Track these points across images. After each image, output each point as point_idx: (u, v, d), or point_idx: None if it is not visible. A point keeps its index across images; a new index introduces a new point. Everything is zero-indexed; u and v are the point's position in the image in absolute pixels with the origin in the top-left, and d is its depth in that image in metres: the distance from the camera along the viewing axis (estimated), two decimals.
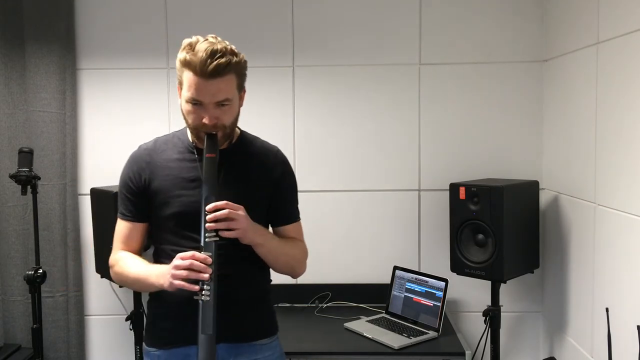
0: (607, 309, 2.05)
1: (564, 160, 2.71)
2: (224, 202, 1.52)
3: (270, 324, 1.78)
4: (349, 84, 2.99)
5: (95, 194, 2.71)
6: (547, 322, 2.96)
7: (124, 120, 3.03)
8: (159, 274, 1.55)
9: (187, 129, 1.70)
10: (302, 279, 2.98)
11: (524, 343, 3.03)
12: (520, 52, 2.94)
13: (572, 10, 2.60)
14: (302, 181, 2.98)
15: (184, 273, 1.46)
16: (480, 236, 2.56)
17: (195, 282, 1.46)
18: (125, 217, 1.72)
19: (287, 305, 2.97)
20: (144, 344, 1.76)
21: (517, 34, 2.94)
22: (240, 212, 1.54)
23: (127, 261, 1.68)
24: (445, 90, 2.98)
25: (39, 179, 2.58)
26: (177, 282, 1.47)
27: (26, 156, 2.54)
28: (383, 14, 2.96)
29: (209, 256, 1.48)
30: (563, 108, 2.72)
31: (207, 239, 1.50)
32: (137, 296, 2.77)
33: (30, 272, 2.52)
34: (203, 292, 1.46)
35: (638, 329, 1.82)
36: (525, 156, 2.97)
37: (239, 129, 1.77)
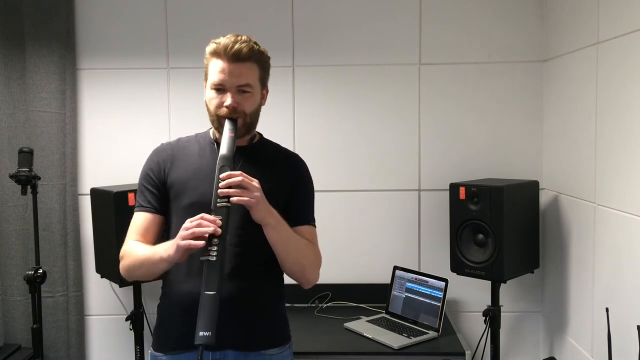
0: (607, 309, 2.05)
1: (564, 160, 2.71)
2: (239, 172, 1.51)
3: (281, 333, 1.74)
4: (349, 84, 2.99)
5: (95, 194, 2.71)
6: (547, 322, 2.96)
7: (124, 120, 3.03)
8: (167, 246, 1.52)
9: (210, 129, 1.75)
10: None
11: (524, 343, 3.03)
12: (521, 52, 2.94)
13: (572, 10, 2.60)
14: None
15: (190, 231, 1.43)
16: (480, 236, 2.56)
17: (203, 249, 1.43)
18: (144, 209, 1.71)
19: (287, 305, 2.95)
20: (151, 348, 1.73)
21: (517, 34, 2.94)
22: (255, 183, 1.52)
23: (135, 247, 1.65)
24: (445, 90, 2.98)
25: (39, 179, 2.58)
26: (183, 242, 1.43)
27: (26, 156, 2.54)
28: (383, 14, 2.96)
29: (219, 219, 1.45)
30: (563, 108, 2.72)
31: (218, 204, 1.47)
32: (137, 296, 2.78)
33: (30, 272, 2.52)
34: (210, 251, 1.42)
35: (638, 329, 1.82)
36: (525, 156, 2.97)
37: (260, 134, 1.79)
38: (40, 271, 2.54)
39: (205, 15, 2.97)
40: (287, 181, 1.72)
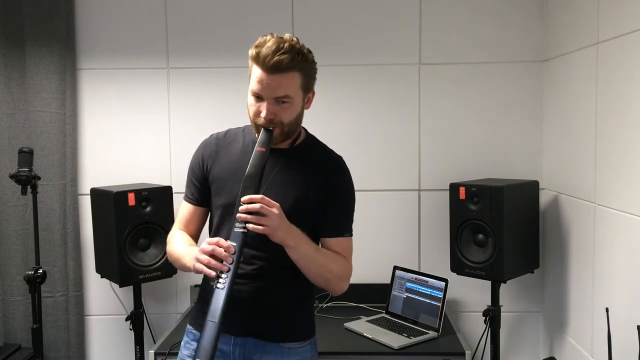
0: (607, 309, 2.04)
1: (564, 160, 2.71)
2: (260, 196, 1.49)
3: (302, 328, 1.75)
4: (349, 84, 2.99)
5: (95, 194, 2.72)
6: (547, 322, 2.96)
7: (124, 120, 3.03)
8: (191, 256, 1.54)
9: None
10: None
11: (524, 343, 3.03)
12: (521, 52, 2.94)
13: (572, 10, 2.60)
14: None
15: (205, 259, 1.47)
16: (480, 236, 2.56)
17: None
18: (189, 200, 1.77)
19: None
20: (188, 324, 1.79)
21: (517, 34, 2.94)
22: (275, 209, 1.50)
23: (177, 239, 1.72)
24: (445, 90, 2.97)
25: (39, 179, 2.58)
26: (198, 265, 1.48)
27: (26, 156, 2.53)
28: (383, 14, 2.96)
29: (233, 246, 1.47)
30: (563, 108, 2.72)
31: (235, 229, 1.49)
32: (137, 296, 2.78)
33: (30, 272, 2.52)
34: (219, 280, 1.46)
35: (638, 329, 1.82)
36: (525, 156, 2.97)
37: (306, 131, 1.78)
38: (40, 271, 2.54)
39: (205, 15, 2.97)
40: (324, 189, 1.68)
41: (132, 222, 2.60)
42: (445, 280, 2.64)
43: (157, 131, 3.02)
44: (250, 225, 1.48)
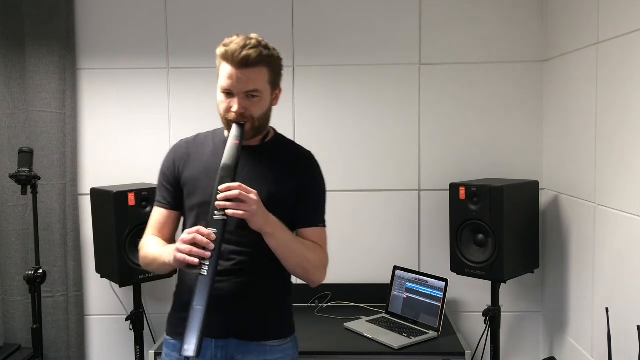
0: (607, 309, 2.05)
1: (564, 160, 2.71)
2: (237, 184, 1.52)
3: (283, 325, 1.76)
4: (349, 84, 2.99)
5: (95, 194, 2.72)
6: (547, 322, 2.96)
7: (124, 120, 3.03)
8: (170, 251, 1.56)
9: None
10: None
11: (524, 343, 3.03)
12: (521, 52, 2.94)
13: (572, 10, 2.60)
14: None
15: (187, 248, 1.48)
16: (480, 236, 2.56)
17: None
18: (160, 205, 1.77)
19: None
20: (165, 333, 1.79)
21: (517, 34, 2.94)
22: (252, 195, 1.53)
23: (150, 243, 1.72)
24: (445, 90, 2.97)
25: (39, 179, 2.58)
26: (179, 255, 1.48)
27: (26, 156, 2.54)
28: (383, 14, 2.96)
29: (214, 233, 1.48)
30: (563, 108, 2.72)
31: (215, 217, 1.50)
32: (137, 296, 2.78)
33: (30, 272, 2.52)
34: (202, 267, 1.47)
35: (638, 329, 1.82)
36: (525, 156, 2.97)
37: (275, 131, 1.80)
38: (40, 271, 2.54)
39: (205, 15, 2.97)
40: (295, 183, 1.72)
41: (132, 222, 2.60)
42: (445, 280, 2.64)
43: (157, 131, 3.02)
44: (230, 211, 1.50)
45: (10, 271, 2.93)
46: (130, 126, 3.03)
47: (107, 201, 2.59)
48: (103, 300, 3.06)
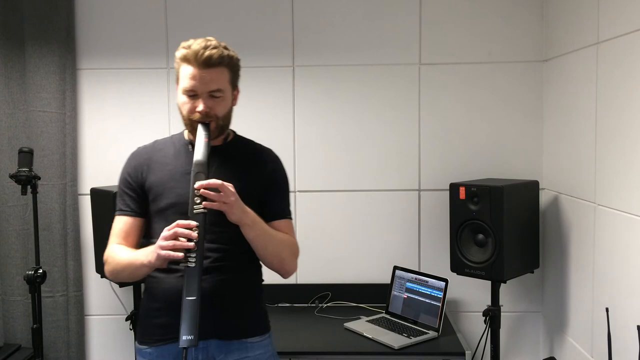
0: (607, 309, 2.05)
1: (564, 160, 2.71)
2: (213, 180, 1.56)
3: (261, 322, 1.80)
4: (349, 84, 2.99)
5: (95, 194, 2.71)
6: (547, 322, 2.96)
7: (124, 120, 3.03)
8: (147, 252, 1.58)
9: (184, 131, 1.80)
10: (302, 279, 3.01)
11: (524, 343, 3.03)
12: (521, 52, 2.94)
13: (572, 10, 2.60)
14: (303, 181, 3.01)
15: (170, 243, 1.49)
16: (480, 236, 2.56)
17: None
18: (124, 213, 1.77)
19: (287, 305, 2.97)
20: (135, 342, 1.78)
21: (517, 34, 2.94)
22: (230, 187, 1.57)
23: (118, 251, 1.72)
24: (445, 90, 2.98)
25: (39, 179, 2.58)
26: (163, 252, 1.50)
27: (26, 156, 2.54)
28: (383, 14, 2.96)
29: (195, 225, 1.51)
30: (563, 108, 2.72)
31: (195, 211, 1.53)
32: (137, 296, 2.77)
33: (30, 272, 2.52)
34: (188, 259, 1.49)
35: (638, 329, 1.82)
36: (525, 156, 2.97)
37: (233, 132, 1.84)
38: (40, 271, 2.54)
39: (205, 15, 2.97)
40: (262, 178, 1.77)
41: None
42: (445, 280, 2.64)
43: (157, 131, 3.01)
44: (209, 203, 1.54)
45: (10, 271, 2.93)
46: (130, 126, 3.03)
47: (107, 201, 2.59)
48: (103, 300, 3.06)
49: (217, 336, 1.67)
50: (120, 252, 1.70)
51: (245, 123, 2.97)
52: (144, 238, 1.78)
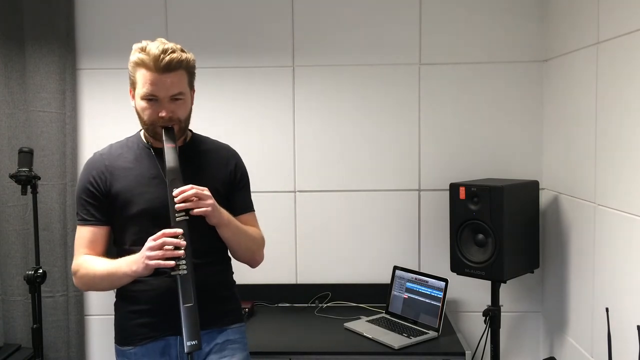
0: (607, 309, 2.05)
1: (564, 160, 2.71)
2: (189, 185, 1.59)
3: (239, 311, 1.88)
4: (349, 84, 2.99)
5: None
6: (547, 322, 2.96)
7: (124, 120, 3.02)
8: (130, 262, 1.59)
9: (140, 132, 1.80)
10: (302, 279, 3.01)
11: (524, 343, 3.03)
12: (520, 52, 2.94)
13: (572, 10, 2.60)
14: (302, 181, 3.01)
15: (159, 253, 1.51)
16: (480, 236, 2.56)
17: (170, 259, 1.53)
18: (88, 222, 1.75)
19: (287, 305, 2.97)
20: (115, 345, 1.79)
21: (517, 34, 2.94)
22: (206, 192, 1.61)
23: (92, 262, 1.70)
24: (445, 90, 2.97)
25: (39, 178, 2.58)
26: (152, 262, 1.51)
27: (26, 156, 2.54)
28: (383, 14, 2.96)
29: (180, 233, 1.53)
30: (563, 108, 2.72)
31: (177, 219, 1.55)
32: None
33: (30, 272, 2.52)
34: (180, 267, 1.51)
35: (638, 329, 1.82)
36: (525, 156, 2.97)
37: (190, 130, 1.86)
38: (40, 271, 2.53)
39: (205, 16, 2.97)
40: (226, 174, 1.81)
41: None
42: (445, 280, 2.64)
43: None
44: (195, 210, 1.57)
45: (10, 271, 2.93)
46: (130, 126, 3.01)
47: None
48: (103, 300, 3.06)
49: (201, 328, 1.69)
50: (94, 263, 1.69)
51: (245, 123, 2.98)
52: (115, 245, 1.78)
